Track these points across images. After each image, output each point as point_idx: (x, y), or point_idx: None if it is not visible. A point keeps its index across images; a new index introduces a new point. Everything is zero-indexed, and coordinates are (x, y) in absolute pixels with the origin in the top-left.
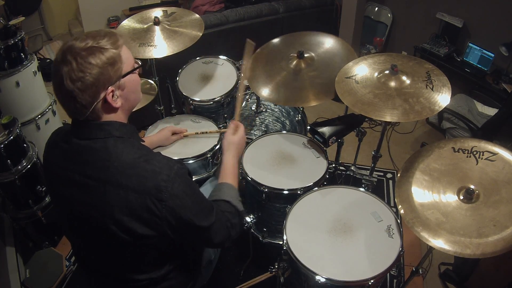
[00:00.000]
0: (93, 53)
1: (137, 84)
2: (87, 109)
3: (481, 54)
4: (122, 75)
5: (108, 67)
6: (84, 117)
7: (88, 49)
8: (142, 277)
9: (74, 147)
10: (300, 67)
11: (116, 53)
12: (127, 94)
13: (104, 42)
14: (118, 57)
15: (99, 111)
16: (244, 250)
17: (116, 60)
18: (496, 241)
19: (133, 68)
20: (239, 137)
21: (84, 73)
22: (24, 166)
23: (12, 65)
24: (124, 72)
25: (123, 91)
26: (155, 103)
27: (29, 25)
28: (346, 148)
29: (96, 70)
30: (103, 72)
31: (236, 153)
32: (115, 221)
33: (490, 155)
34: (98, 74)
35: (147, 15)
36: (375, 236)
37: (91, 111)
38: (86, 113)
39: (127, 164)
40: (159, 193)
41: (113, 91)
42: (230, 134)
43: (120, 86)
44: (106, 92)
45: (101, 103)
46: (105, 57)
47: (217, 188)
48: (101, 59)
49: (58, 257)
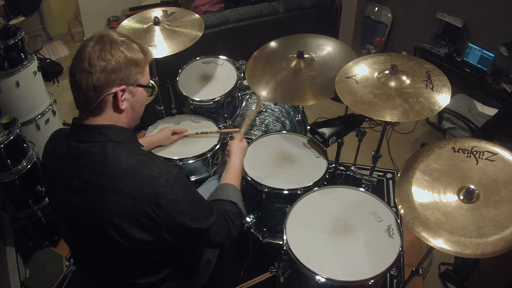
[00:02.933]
0: (127, 46)
1: (144, 100)
2: (96, 92)
3: (481, 54)
4: (138, 82)
5: (133, 65)
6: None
7: (124, 42)
8: (141, 281)
9: (73, 152)
10: (300, 67)
11: (143, 59)
12: (134, 103)
13: (137, 46)
14: (143, 64)
15: (105, 104)
16: (244, 250)
17: (140, 65)
18: (496, 241)
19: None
20: (245, 144)
21: (113, 57)
22: (24, 166)
23: (12, 65)
24: (141, 83)
25: (133, 98)
26: (155, 103)
27: (29, 25)
28: (346, 148)
29: (123, 60)
30: (127, 66)
31: (242, 158)
32: (114, 226)
33: (490, 155)
34: (122, 65)
35: (147, 15)
36: (375, 236)
37: (98, 100)
38: (92, 97)
39: (126, 170)
40: (157, 199)
41: (124, 90)
42: (239, 140)
43: (132, 92)
44: (119, 88)
45: (110, 98)
46: (135, 56)
47: (223, 188)
48: (131, 55)
49: (58, 257)
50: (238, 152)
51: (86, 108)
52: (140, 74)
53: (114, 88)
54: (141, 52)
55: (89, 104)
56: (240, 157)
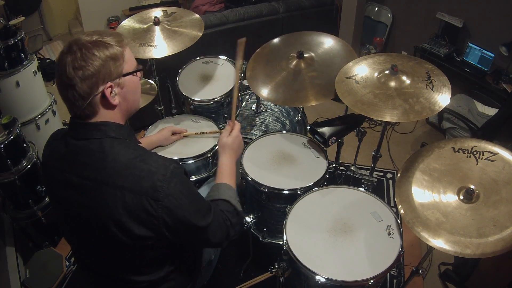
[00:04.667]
0: (97, 46)
1: (136, 86)
2: (85, 100)
3: (481, 54)
4: (122, 73)
5: (110, 61)
6: (81, 110)
7: (94, 42)
8: (141, 278)
9: (71, 149)
10: (300, 67)
11: (119, 50)
12: (125, 94)
13: (109, 39)
14: (120, 55)
15: (96, 105)
16: (244, 250)
17: (118, 57)
18: (496, 241)
19: (134, 69)
20: (233, 137)
21: (86, 63)
22: (24, 166)
23: (12, 65)
24: (126, 71)
25: (122, 89)
26: (155, 103)
27: (29, 25)
28: (346, 148)
29: (99, 62)
30: (105, 65)
31: (232, 154)
32: (113, 222)
33: (490, 155)
34: (100, 66)
35: (147, 15)
36: (375, 236)
37: (88, 103)
38: (83, 105)
39: (124, 165)
40: (155, 193)
41: (111, 87)
42: (224, 137)
43: (120, 84)
44: (105, 86)
45: (99, 98)
46: (109, 52)
47: (215, 188)
48: (105, 52)
49: (58, 257)
50: (223, 150)
51: (79, 114)
52: (121, 64)
53: (100, 88)
54: (115, 43)
55: (81, 110)
56: (228, 154)
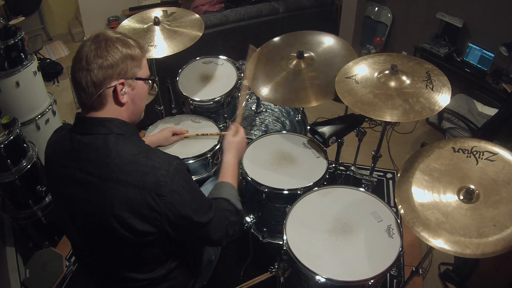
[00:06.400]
0: (122, 42)
1: (145, 93)
2: (96, 89)
3: (481, 54)
4: (136, 76)
5: (129, 59)
6: (90, 99)
7: (119, 38)
8: (142, 276)
9: (75, 144)
10: (300, 67)
11: (140, 54)
12: (134, 96)
13: (133, 42)
14: (139, 58)
15: (105, 98)
16: (244, 250)
17: (137, 59)
18: (496, 241)
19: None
20: (240, 138)
21: (108, 53)
22: (24, 166)
23: (12, 65)
24: (140, 76)
25: (132, 91)
26: (155, 103)
27: (29, 25)
28: (346, 148)
29: (119, 56)
30: (124, 61)
31: (237, 154)
32: (116, 218)
33: (490, 155)
34: (119, 60)
35: (147, 15)
36: (375, 236)
37: (98, 94)
38: (93, 93)
39: (127, 161)
40: (158, 188)
41: (123, 84)
42: (231, 135)
43: (131, 85)
44: (118, 81)
45: (110, 92)
46: (130, 51)
47: (217, 186)
48: (127, 50)
49: (58, 257)
50: (229, 148)
51: (87, 103)
52: (138, 67)
53: (113, 82)
54: (137, 47)
55: (90, 99)
56: (233, 153)
